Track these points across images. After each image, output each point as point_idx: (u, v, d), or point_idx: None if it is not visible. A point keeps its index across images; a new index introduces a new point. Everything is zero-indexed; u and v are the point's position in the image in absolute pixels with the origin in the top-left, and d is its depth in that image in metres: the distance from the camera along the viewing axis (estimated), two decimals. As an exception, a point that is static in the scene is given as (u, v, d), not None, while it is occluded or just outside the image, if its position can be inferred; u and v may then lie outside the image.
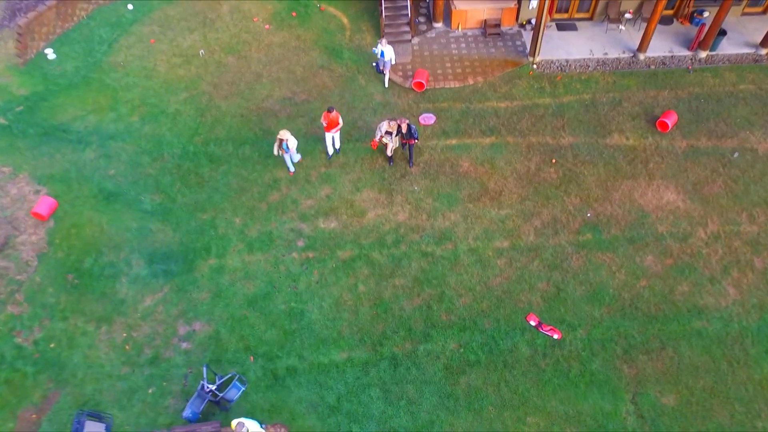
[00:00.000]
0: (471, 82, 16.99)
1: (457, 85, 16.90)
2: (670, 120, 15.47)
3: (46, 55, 17.56)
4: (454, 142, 15.39)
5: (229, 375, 10.70)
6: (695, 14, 18.76)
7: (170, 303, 12.20)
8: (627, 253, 13.03)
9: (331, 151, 14.90)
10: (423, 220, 13.66)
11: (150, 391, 10.95)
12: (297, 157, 14.16)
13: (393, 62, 16.51)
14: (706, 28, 17.62)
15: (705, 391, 10.96)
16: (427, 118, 15.97)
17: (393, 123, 13.74)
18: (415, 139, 13.95)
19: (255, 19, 18.97)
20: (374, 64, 17.28)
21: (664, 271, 12.70)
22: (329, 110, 13.72)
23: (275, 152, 13.80)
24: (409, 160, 14.67)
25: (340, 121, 14.16)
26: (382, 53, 16.09)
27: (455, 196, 14.15)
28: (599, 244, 13.20)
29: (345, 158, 14.99)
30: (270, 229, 13.46)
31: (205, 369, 10.39)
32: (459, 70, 17.33)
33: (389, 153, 14.31)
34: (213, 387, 10.28)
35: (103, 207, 13.75)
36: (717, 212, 13.76)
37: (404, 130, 13.73)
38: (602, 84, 16.95)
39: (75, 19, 18.79)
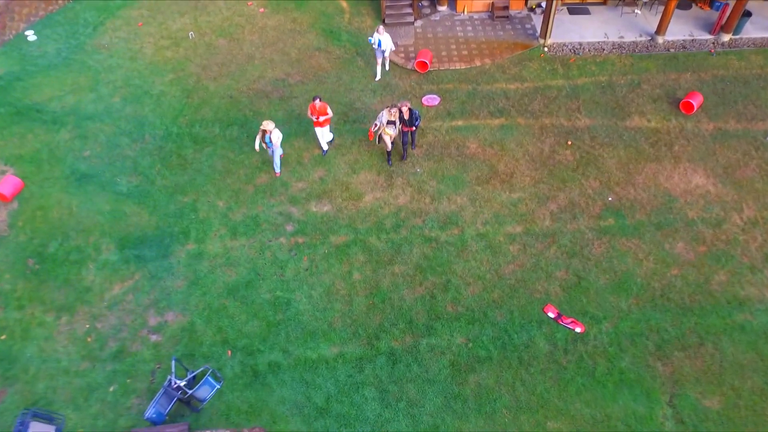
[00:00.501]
0: (478, 63, 15.80)
1: (463, 67, 15.70)
2: (696, 101, 14.18)
3: (26, 36, 16.54)
4: (460, 123, 14.13)
5: (202, 369, 9.27)
6: (714, 1, 17.61)
7: (141, 291, 10.84)
8: (654, 239, 11.61)
9: (325, 146, 13.37)
10: (426, 204, 12.31)
11: (111, 389, 9.52)
12: (279, 152, 12.45)
13: (393, 48, 15.09)
14: (729, 10, 16.44)
15: (754, 392, 9.42)
16: (431, 99, 14.74)
17: (394, 110, 12.12)
18: (416, 126, 12.48)
19: (249, 3, 17.96)
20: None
21: (697, 258, 11.25)
22: (315, 100, 12.18)
23: (256, 146, 12.29)
24: (411, 143, 13.30)
25: (329, 111, 12.50)
26: (379, 42, 14.44)
27: (462, 178, 12.83)
28: (623, 230, 11.79)
29: (341, 140, 13.73)
30: (256, 213, 12.14)
31: (173, 362, 8.97)
32: (465, 52, 16.16)
33: (389, 147, 12.76)
34: (182, 383, 8.85)
35: (74, 189, 12.49)
36: (752, 197, 12.35)
37: (406, 115, 12.23)
38: (619, 66, 15.72)
39: (60, 2, 17.83)
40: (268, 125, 11.75)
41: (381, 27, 14.28)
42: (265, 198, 12.42)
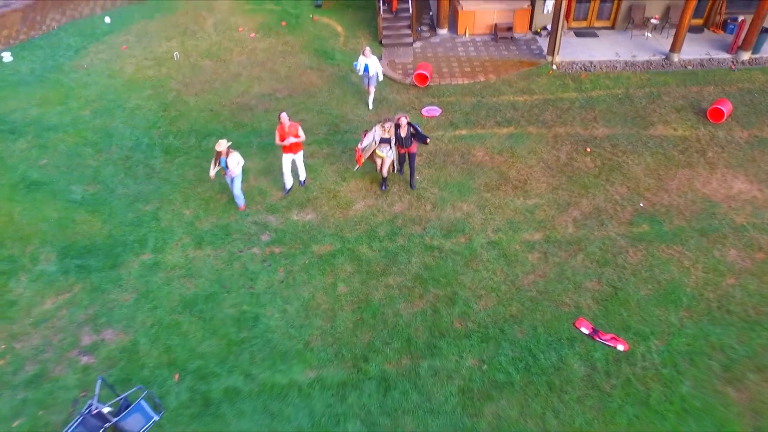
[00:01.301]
0: (482, 78, 14.60)
1: (466, 82, 14.49)
2: (725, 108, 12.74)
3: (2, 57, 15.59)
4: (464, 132, 12.63)
5: (134, 390, 7.10)
6: (728, 21, 16.76)
7: (78, 305, 8.83)
8: (701, 245, 9.67)
9: (289, 182, 10.77)
10: (426, 211, 10.52)
11: (15, 423, 7.29)
12: (239, 181, 10.13)
13: (380, 78, 13.04)
14: (745, 27, 15.48)
15: None
16: (432, 110, 13.36)
17: (389, 124, 10.02)
18: (423, 141, 10.24)
19: (240, 29, 17.20)
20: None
21: (755, 266, 9.26)
22: (282, 116, 9.99)
23: (211, 173, 9.96)
24: (410, 179, 10.96)
25: (301, 134, 10.27)
26: (366, 67, 12.72)
27: (467, 185, 11.12)
28: (661, 236, 9.89)
29: (330, 149, 12.19)
30: (227, 222, 10.36)
31: (99, 382, 6.85)
32: (468, 69, 15.03)
33: (384, 172, 10.65)
34: (105, 409, 6.68)
35: (20, 196, 10.82)
36: (808, 204, 10.54)
37: (403, 131, 10.12)
38: (635, 81, 14.49)
39: (44, 28, 17.12)
40: (221, 145, 9.60)
41: (367, 49, 12.64)
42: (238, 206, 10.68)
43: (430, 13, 17.82)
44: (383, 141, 10.19)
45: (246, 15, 17.96)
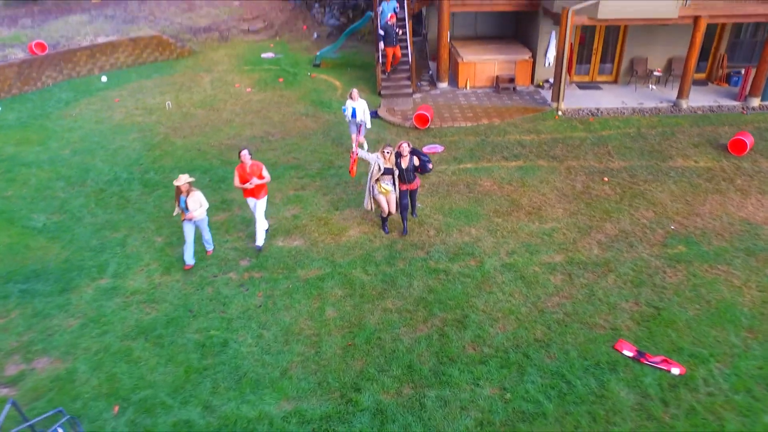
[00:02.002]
0: (485, 121, 13.97)
1: (469, 124, 13.84)
2: (747, 139, 11.91)
3: (-10, 107, 15.17)
4: (469, 166, 11.70)
5: (53, 412, 5.45)
6: (732, 74, 16.54)
7: (10, 332, 7.33)
8: (749, 265, 8.30)
9: (261, 239, 8.90)
10: (430, 236, 9.27)
11: None
12: (204, 224, 8.46)
13: (368, 125, 11.78)
14: (751, 74, 15.17)
15: None
16: (433, 148, 12.54)
17: (389, 151, 8.64)
18: (425, 169, 8.91)
19: (237, 85, 16.98)
20: (370, 112, 14.23)
21: (820, 286, 7.83)
22: (242, 152, 8.43)
23: (174, 212, 8.44)
24: (411, 209, 9.54)
25: (266, 174, 8.54)
26: (353, 112, 11.54)
27: (475, 211, 9.96)
28: (701, 257, 8.54)
29: (323, 182, 11.19)
30: (203, 247, 9.08)
31: (8, 407, 5.26)
32: (470, 114, 14.47)
33: (385, 211, 9.11)
34: (10, 438, 5.04)
35: (-27, 224, 9.66)
36: None
37: (404, 161, 8.75)
38: (645, 122, 13.85)
39: (38, 84, 16.92)
40: (180, 180, 7.92)
41: (354, 91, 11.51)
42: (218, 234, 9.45)
43: (430, 72, 17.71)
44: (386, 172, 8.75)
45: (244, 74, 17.87)
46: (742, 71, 16.01)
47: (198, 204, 8.18)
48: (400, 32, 16.06)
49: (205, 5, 23.62)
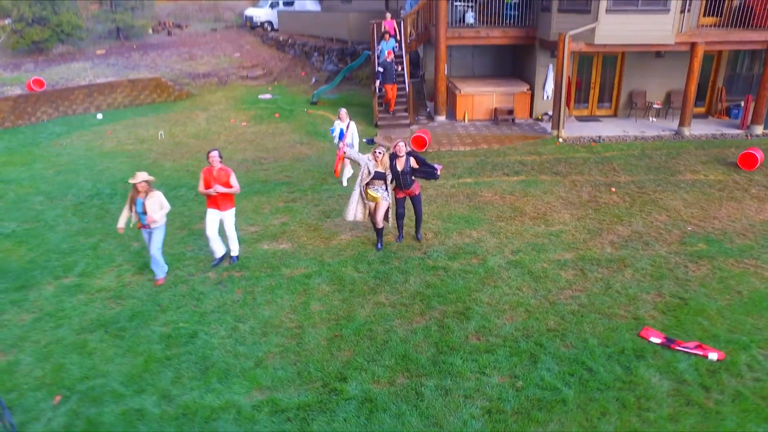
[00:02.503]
0: (485, 146, 13.60)
1: (468, 149, 13.46)
2: (758, 153, 11.46)
3: (-21, 137, 14.90)
4: (469, 180, 11.17)
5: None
6: (731, 107, 16.39)
7: (-45, 326, 6.49)
8: (781, 260, 7.55)
9: (219, 248, 7.73)
10: (428, 239, 8.55)
11: None
12: (158, 241, 7.17)
13: (355, 148, 10.63)
14: (752, 101, 15.01)
15: None
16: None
17: (381, 151, 7.63)
18: (431, 175, 7.79)
19: (232, 120, 16.84)
20: (365, 140, 13.85)
21: None
22: (211, 154, 7.27)
23: (120, 222, 7.18)
24: (416, 227, 8.50)
25: (234, 183, 7.39)
26: (341, 133, 10.54)
27: (476, 217, 9.31)
28: (725, 253, 7.80)
29: (315, 195, 10.62)
30: (182, 251, 8.36)
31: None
32: (469, 141, 14.13)
33: (379, 222, 7.90)
34: None
35: (-63, 230, 9.00)
36: None
37: (401, 164, 7.68)
38: (649, 146, 13.47)
39: (33, 119, 16.78)
40: (136, 177, 6.85)
41: (342, 111, 10.69)
42: (199, 239, 8.76)
43: (428, 110, 17.62)
44: (377, 176, 7.70)
45: (240, 111, 17.79)
46: (742, 103, 15.86)
47: (158, 206, 6.97)
48: (399, 68, 16.10)
49: (206, 55, 24.11)
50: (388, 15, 16.91)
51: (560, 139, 14.17)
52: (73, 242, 8.72)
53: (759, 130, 14.76)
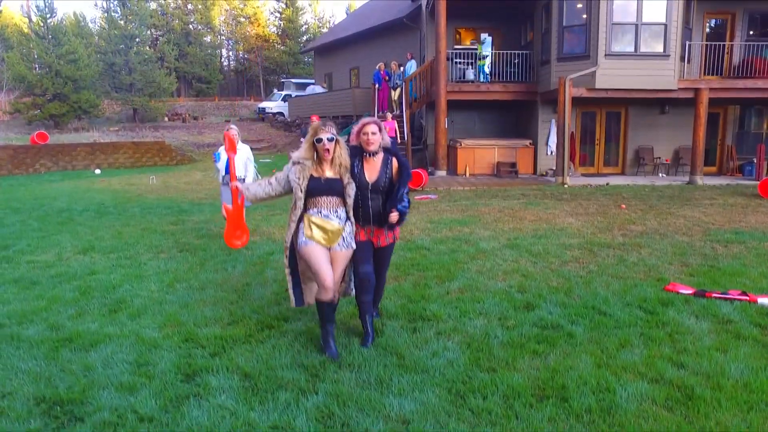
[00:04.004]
0: (483, 187, 12.91)
1: (468, 189, 12.76)
2: (780, 181, 10.60)
3: (-31, 179, 14.65)
4: (465, 203, 10.32)
5: None
6: (744, 165, 15.76)
7: None
8: (829, 244, 6.39)
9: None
10: (413, 234, 7.55)
11: None
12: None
13: (257, 177, 7.32)
14: (765, 152, 14.43)
15: None
16: (426, 196, 11.31)
17: (331, 137, 3.50)
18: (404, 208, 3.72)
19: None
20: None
21: None
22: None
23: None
24: (375, 299, 4.09)
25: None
26: (226, 165, 6.82)
27: (471, 220, 8.34)
28: (758, 239, 6.69)
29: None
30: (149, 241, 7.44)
31: None
32: (468, 187, 13.47)
33: (329, 291, 3.54)
34: None
35: None
36: None
37: (372, 171, 3.70)
38: (660, 187, 12.67)
39: (30, 170, 16.65)
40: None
41: (233, 129, 6.56)
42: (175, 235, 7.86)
43: (429, 170, 17.23)
44: (323, 189, 3.58)
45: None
46: (755, 160, 15.24)
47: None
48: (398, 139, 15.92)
49: (215, 132, 24.64)
50: (389, 115, 15.53)
51: (565, 185, 13.45)
52: (23, 233, 7.86)
53: (777, 181, 13.94)
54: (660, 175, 15.48)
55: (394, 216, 3.60)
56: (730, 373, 3.15)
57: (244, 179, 7.01)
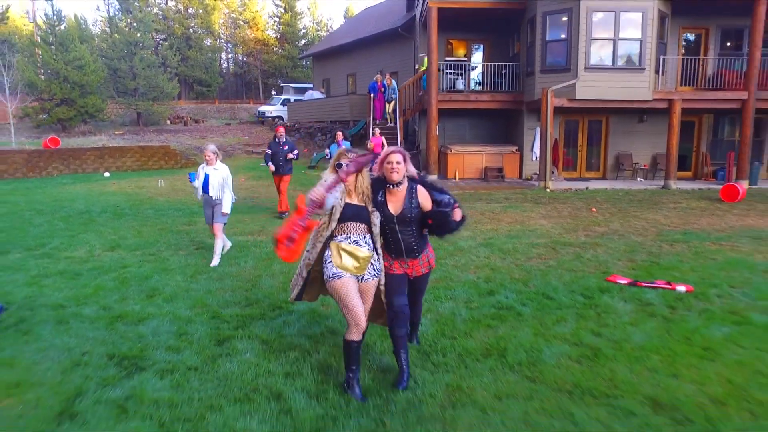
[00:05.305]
0: (470, 191, 13.89)
1: (456, 191, 13.74)
2: (741, 187, 11.60)
3: (-13, 182, 15.56)
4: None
5: None
6: (717, 171, 16.80)
7: None
8: (758, 244, 7.38)
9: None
10: (402, 233, 8.54)
11: None
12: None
13: (226, 210, 6.97)
14: (734, 157, 15.45)
15: None
16: (416, 198, 12.27)
17: (352, 165, 3.38)
18: (449, 223, 3.68)
19: (242, 180, 17.46)
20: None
21: None
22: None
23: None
24: (414, 330, 4.18)
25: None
26: (205, 182, 6.99)
27: (453, 221, 9.33)
28: (702, 238, 7.68)
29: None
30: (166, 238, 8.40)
31: None
32: (457, 190, 14.45)
33: (362, 323, 3.44)
34: None
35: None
36: None
37: (396, 202, 3.59)
38: (634, 191, 13.68)
39: (43, 173, 17.57)
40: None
41: (210, 148, 6.91)
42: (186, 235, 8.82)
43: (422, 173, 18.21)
44: (353, 215, 3.51)
45: (241, 172, 18.51)
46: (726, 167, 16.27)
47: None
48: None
49: (218, 137, 25.57)
50: (377, 131, 13.99)
51: (548, 189, 14.44)
52: (52, 232, 8.81)
53: (745, 185, 14.96)
54: (638, 179, 16.48)
55: (457, 213, 3.66)
56: (632, 340, 4.13)
57: (220, 200, 6.92)
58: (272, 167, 10.38)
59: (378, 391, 3.44)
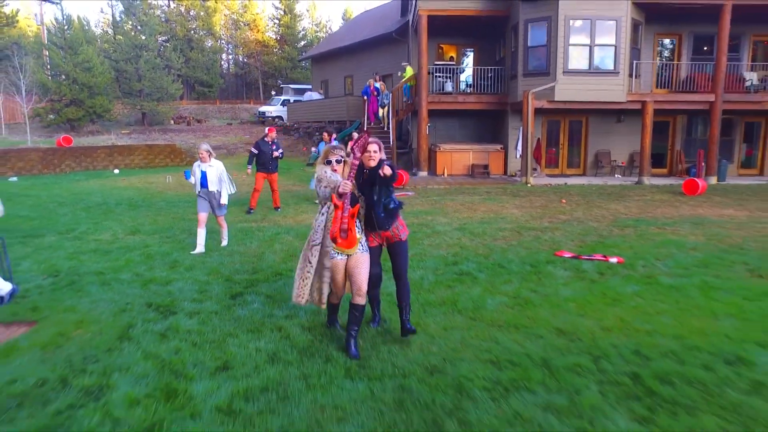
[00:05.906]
0: (456, 186, 15.00)
1: (443, 187, 14.85)
2: (701, 182, 12.70)
3: (8, 177, 16.67)
4: (435, 198, 12.40)
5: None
6: (691, 168, 17.89)
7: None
8: (695, 228, 8.50)
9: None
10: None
11: None
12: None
13: (224, 200, 7.68)
14: (703, 155, 16.54)
15: None
16: (403, 193, 13.38)
17: (340, 158, 4.25)
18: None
19: (234, 174, 18.55)
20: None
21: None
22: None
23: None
24: (405, 309, 4.36)
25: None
26: (203, 178, 7.51)
27: (434, 210, 10.43)
28: (650, 224, 8.78)
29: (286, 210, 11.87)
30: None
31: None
32: (445, 185, 15.56)
33: (339, 289, 4.30)
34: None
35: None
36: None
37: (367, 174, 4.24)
38: (609, 187, 14.78)
39: (57, 170, 18.65)
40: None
41: (204, 147, 7.48)
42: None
43: (413, 170, 19.32)
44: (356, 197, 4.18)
45: (242, 169, 19.56)
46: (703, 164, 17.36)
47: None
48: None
49: (221, 136, 26.67)
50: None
51: (528, 185, 15.54)
52: (77, 220, 9.90)
53: (713, 180, 16.08)
54: (616, 176, 17.59)
55: (386, 169, 4.04)
56: (559, 294, 5.23)
57: (219, 192, 7.62)
58: (250, 170, 11.10)
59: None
